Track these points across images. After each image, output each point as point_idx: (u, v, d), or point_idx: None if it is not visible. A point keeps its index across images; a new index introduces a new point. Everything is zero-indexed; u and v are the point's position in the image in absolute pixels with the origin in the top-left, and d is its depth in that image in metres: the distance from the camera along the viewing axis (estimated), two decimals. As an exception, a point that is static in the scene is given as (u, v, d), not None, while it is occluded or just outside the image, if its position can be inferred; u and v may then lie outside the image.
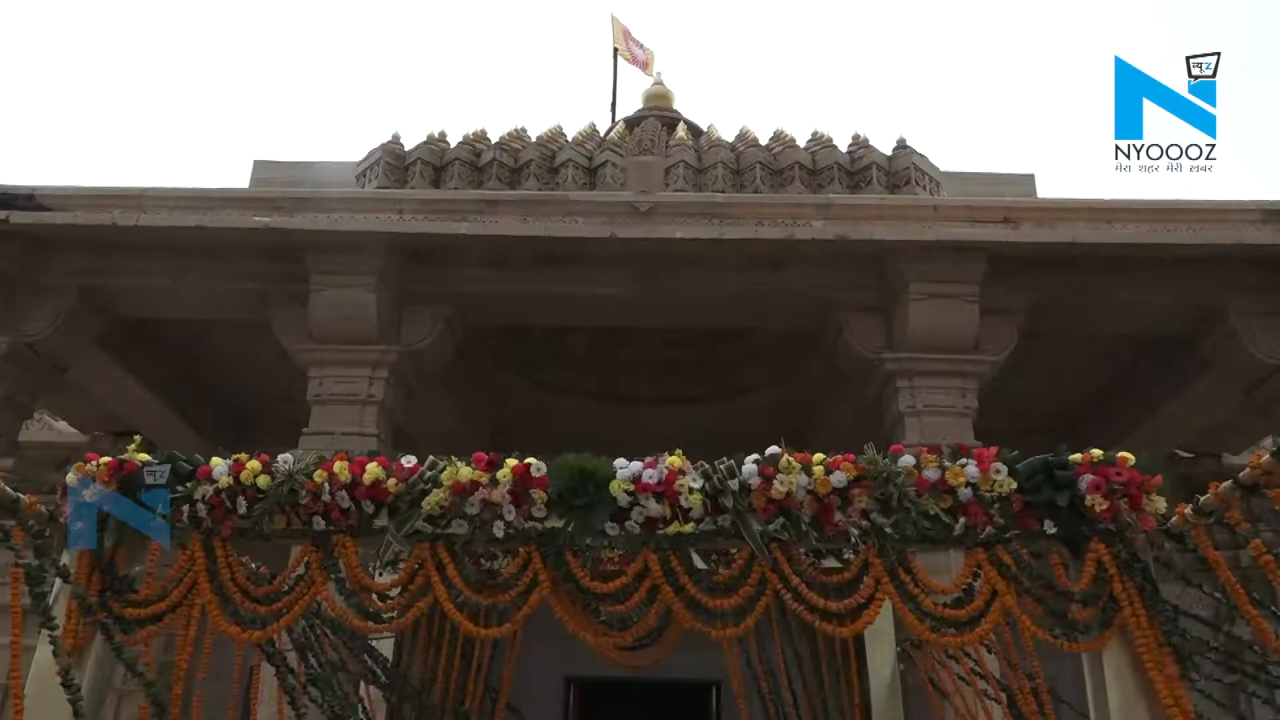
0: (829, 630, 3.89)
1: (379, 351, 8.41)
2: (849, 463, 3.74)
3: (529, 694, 11.74)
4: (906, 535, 3.72)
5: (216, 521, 3.91)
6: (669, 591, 3.73)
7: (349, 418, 8.19)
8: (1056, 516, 3.66)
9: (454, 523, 3.85)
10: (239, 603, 3.89)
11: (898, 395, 8.30)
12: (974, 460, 3.72)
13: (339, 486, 3.84)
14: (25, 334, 8.48)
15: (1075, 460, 3.69)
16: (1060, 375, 10.63)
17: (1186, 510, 3.55)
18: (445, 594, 3.85)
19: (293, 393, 8.86)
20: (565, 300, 8.87)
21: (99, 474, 3.93)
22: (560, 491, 3.81)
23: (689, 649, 7.06)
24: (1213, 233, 7.91)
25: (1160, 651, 3.48)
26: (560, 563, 3.82)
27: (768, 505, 3.75)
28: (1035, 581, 3.70)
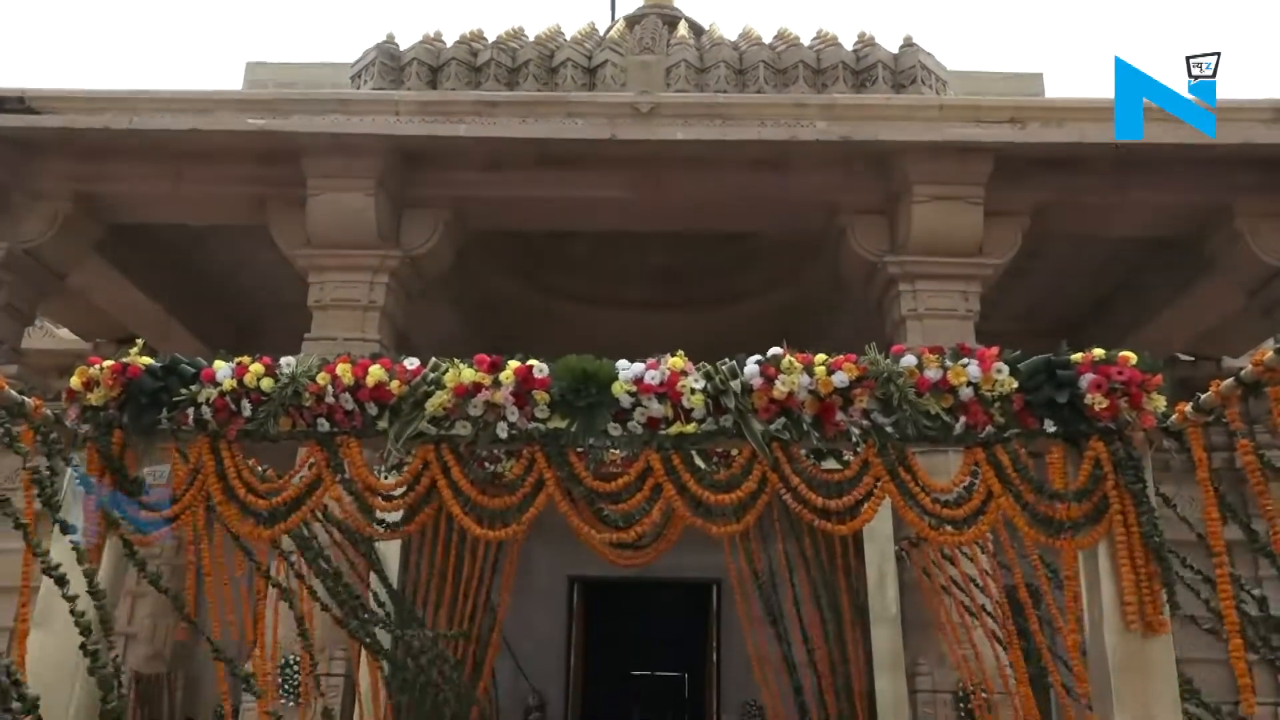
0: (828, 528, 3.96)
1: (378, 256, 8.38)
2: (851, 363, 3.75)
3: (533, 593, 12.05)
4: (907, 435, 3.75)
5: (221, 424, 3.93)
6: (671, 489, 3.78)
7: (351, 323, 8.20)
8: (1056, 415, 3.68)
9: (457, 424, 3.88)
10: (248, 502, 3.95)
11: (900, 299, 8.29)
12: (975, 360, 3.73)
13: (342, 388, 3.85)
14: (22, 240, 8.44)
15: (1076, 360, 3.69)
16: (1063, 279, 10.59)
17: (1186, 409, 3.57)
18: (451, 495, 3.90)
19: (294, 299, 8.85)
20: (565, 203, 8.78)
21: (103, 378, 3.94)
22: (563, 393, 3.82)
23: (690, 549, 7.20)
24: (1221, 131, 7.78)
25: (1142, 548, 3.54)
26: (564, 463, 3.86)
27: (769, 405, 3.76)
28: (1028, 484, 3.74)
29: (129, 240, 9.80)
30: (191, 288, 11.16)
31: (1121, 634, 3.57)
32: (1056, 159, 8.13)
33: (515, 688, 11.58)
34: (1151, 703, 3.49)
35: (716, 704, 12.91)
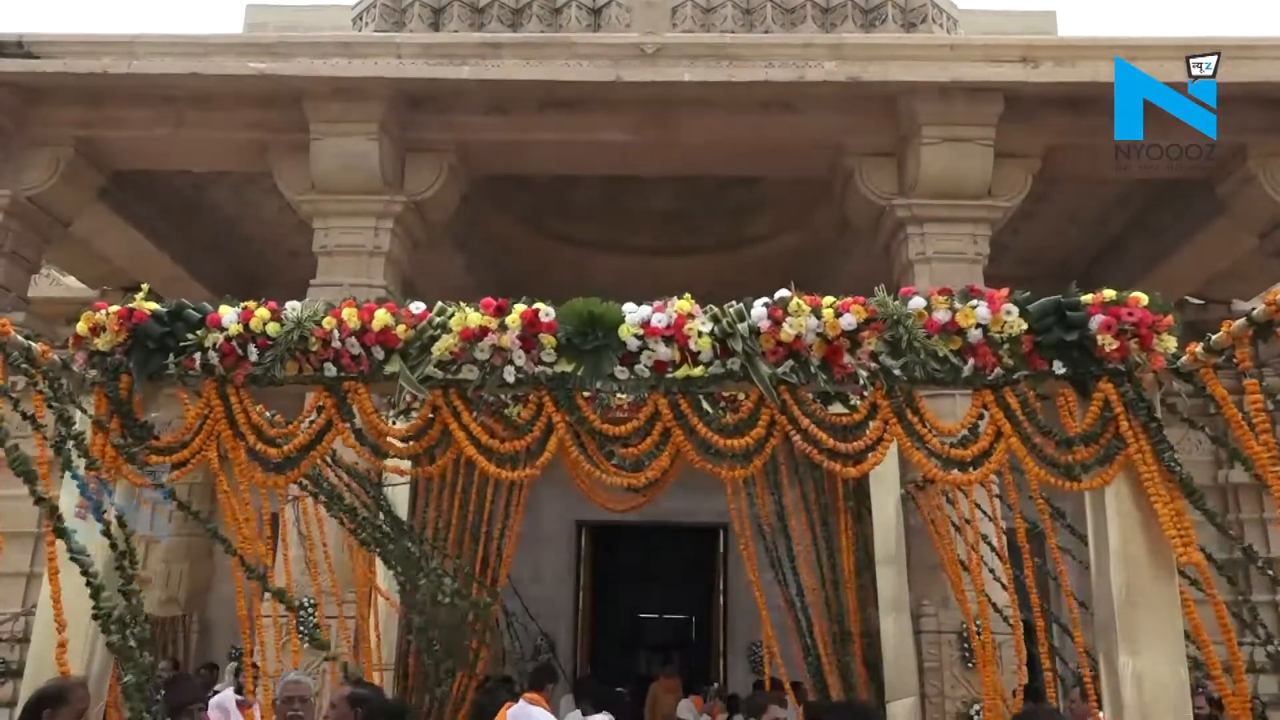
0: (836, 470, 3.95)
1: (383, 202, 8.32)
2: (859, 305, 3.72)
3: (541, 538, 12.19)
4: (915, 377, 3.73)
5: (229, 369, 3.93)
6: (680, 434, 3.78)
7: (356, 269, 8.18)
8: (1066, 357, 3.67)
9: (464, 369, 3.87)
10: (258, 448, 3.96)
11: (908, 242, 8.23)
12: (985, 302, 3.70)
13: (348, 333, 3.85)
14: (25, 187, 8.40)
15: (1086, 301, 3.67)
16: (1073, 222, 10.51)
17: (1197, 349, 3.54)
18: (464, 437, 3.91)
19: (300, 246, 8.83)
20: (570, 147, 8.70)
21: (109, 323, 3.94)
22: (569, 336, 3.81)
23: (697, 493, 7.28)
24: (1239, 70, 7.65)
25: (1167, 485, 3.54)
26: (572, 406, 3.86)
27: (777, 348, 3.75)
28: (1036, 425, 3.73)
29: (132, 187, 9.76)
30: (196, 235, 11.13)
31: (1128, 573, 3.59)
32: (1069, 99, 8.01)
33: (524, 630, 11.73)
34: (1156, 641, 3.51)
35: (723, 645, 13.10)
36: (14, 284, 8.61)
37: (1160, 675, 3.47)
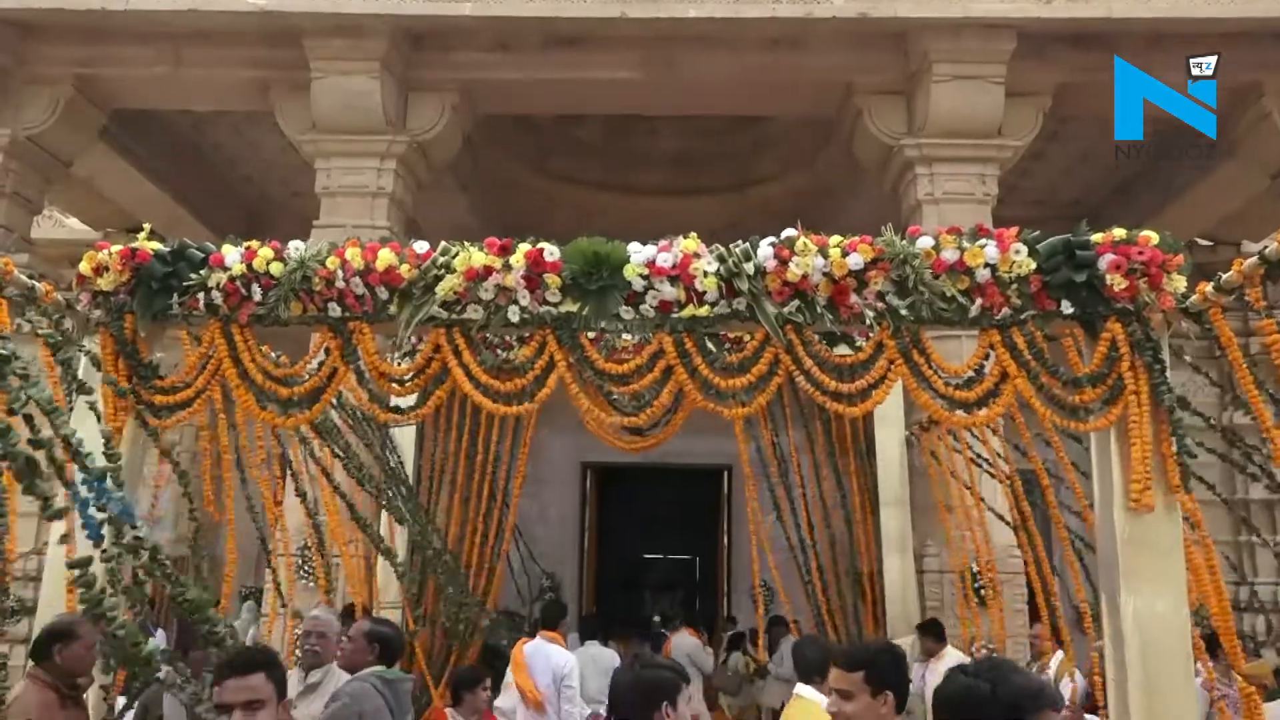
0: (840, 410, 3.95)
1: (385, 141, 8.24)
2: (866, 244, 3.68)
3: (547, 479, 12.27)
4: (921, 317, 3.71)
5: (233, 309, 3.92)
6: (683, 372, 3.77)
7: (359, 210, 8.13)
8: (1074, 297, 3.63)
9: (468, 309, 3.86)
10: (265, 388, 3.96)
11: (916, 183, 8.14)
12: (993, 241, 3.66)
13: (352, 273, 3.82)
14: (25, 126, 8.33)
15: (1096, 240, 3.63)
16: (1083, 162, 10.39)
17: (1207, 288, 3.51)
18: (464, 376, 3.90)
19: (302, 187, 8.77)
20: (574, 85, 8.58)
21: (112, 263, 3.92)
22: (574, 276, 3.78)
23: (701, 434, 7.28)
24: (1258, 4, 7.50)
25: (1158, 428, 3.54)
26: (576, 346, 3.84)
27: (783, 288, 3.72)
28: (1043, 366, 3.71)
29: (132, 127, 9.67)
30: (198, 176, 11.06)
31: (1131, 512, 3.60)
32: (1082, 35, 7.87)
33: (529, 570, 11.86)
34: (1158, 579, 3.54)
35: (727, 586, 13.26)
36: (16, 225, 8.58)
37: (1161, 613, 3.50)
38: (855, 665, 2.85)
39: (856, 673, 2.82)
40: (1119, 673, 3.58)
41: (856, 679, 2.82)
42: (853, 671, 2.83)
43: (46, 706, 3.55)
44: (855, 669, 2.83)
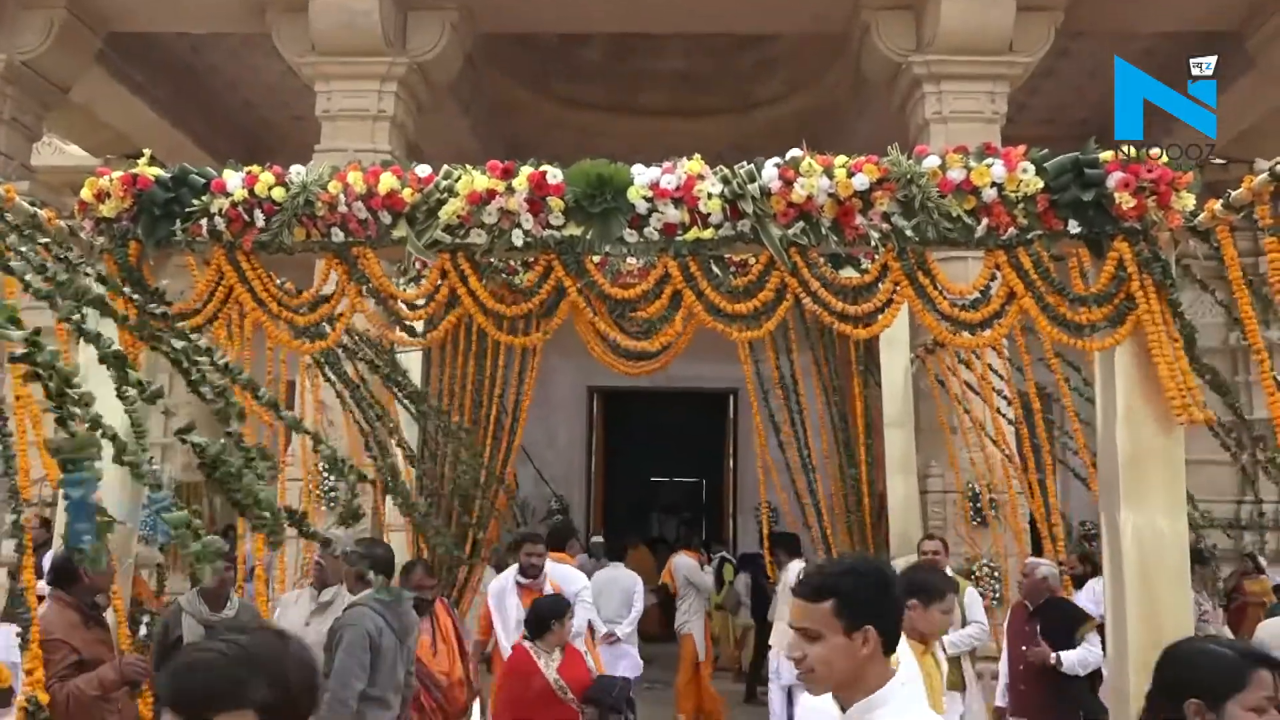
0: (846, 331, 3.96)
1: (385, 63, 8.11)
2: (872, 164, 3.65)
3: (554, 403, 12.35)
4: (927, 238, 3.69)
5: (236, 235, 3.91)
6: (690, 296, 3.77)
7: (360, 134, 8.04)
8: (1081, 216, 3.61)
9: (472, 232, 3.84)
10: (280, 314, 3.97)
11: (924, 101, 8.01)
12: (1000, 160, 3.62)
13: (354, 197, 3.81)
14: (20, 50, 8.21)
15: (1105, 158, 3.59)
16: (1094, 79, 10.16)
17: (1216, 206, 3.48)
18: (473, 303, 3.91)
19: (303, 111, 8.66)
20: (576, 2, 8.40)
21: (113, 189, 3.91)
22: (577, 199, 3.76)
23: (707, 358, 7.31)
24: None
25: (1172, 345, 3.53)
26: (581, 270, 3.84)
27: (788, 209, 3.70)
28: (1049, 285, 3.70)
29: (129, 51, 9.52)
30: (197, 101, 10.92)
31: (1133, 431, 3.62)
32: (1096, -54, 7.67)
33: (537, 492, 12.02)
34: (1158, 498, 3.58)
35: (733, 507, 13.42)
36: (15, 152, 8.51)
37: (1160, 530, 3.55)
38: (821, 593, 2.01)
39: (823, 602, 2.00)
40: (1116, 587, 3.64)
41: (823, 612, 1.99)
42: (818, 601, 2.01)
43: (71, 626, 3.64)
44: (821, 597, 2.00)
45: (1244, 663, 2.04)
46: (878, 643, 1.98)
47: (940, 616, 3.62)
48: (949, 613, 3.56)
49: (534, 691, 4.67)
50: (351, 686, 3.90)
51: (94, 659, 3.66)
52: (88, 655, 3.64)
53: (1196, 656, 2.14)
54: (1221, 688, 2.00)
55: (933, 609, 3.58)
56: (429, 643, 5.00)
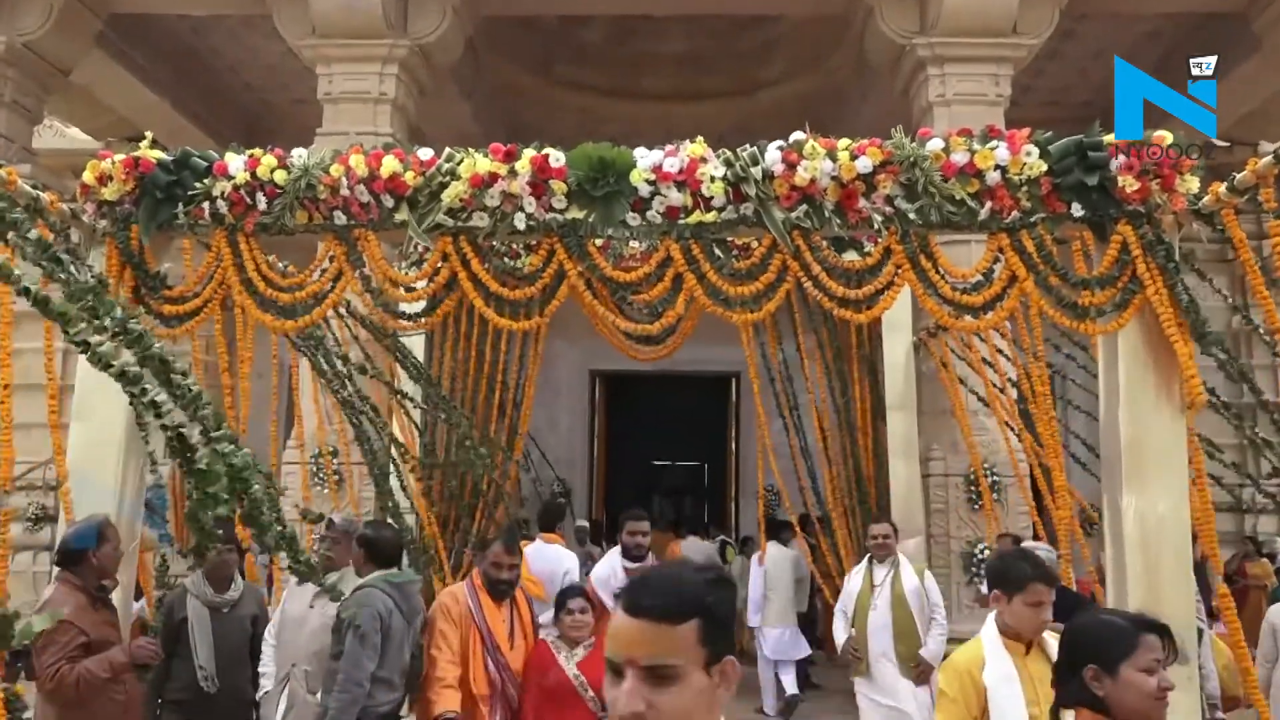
0: (847, 316, 3.95)
1: (387, 46, 8.09)
2: (875, 147, 3.63)
3: (556, 387, 12.34)
4: (930, 221, 3.68)
5: (238, 217, 3.91)
6: (691, 279, 3.76)
7: (362, 117, 8.02)
8: (1085, 199, 3.60)
9: (474, 216, 3.84)
10: (267, 295, 3.96)
11: (927, 84, 7.98)
12: (1004, 142, 3.61)
13: (356, 180, 3.80)
14: (21, 32, 8.19)
15: (1109, 141, 3.57)
16: (1097, 60, 10.13)
17: (1220, 189, 3.47)
18: (472, 287, 3.90)
19: (304, 94, 8.63)
20: (577, -18, 8.38)
21: (115, 172, 3.90)
22: (580, 182, 3.75)
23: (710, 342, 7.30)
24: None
25: (1179, 328, 3.53)
26: (583, 254, 3.83)
27: (791, 192, 3.69)
28: (1052, 268, 3.69)
29: (130, 33, 9.50)
30: (198, 83, 10.89)
31: (1135, 414, 3.62)
32: (1102, -74, 7.62)
33: (540, 476, 12.03)
34: (1160, 479, 3.58)
35: (735, 490, 13.44)
36: (16, 134, 8.50)
37: (1162, 512, 3.55)
38: (681, 612, 1.35)
39: (683, 624, 1.34)
40: (1118, 572, 3.65)
41: (684, 637, 1.34)
42: (676, 623, 1.34)
43: (80, 608, 3.65)
44: (681, 617, 1.35)
45: (1134, 629, 2.15)
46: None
47: (1024, 609, 3.03)
48: (1035, 605, 3.00)
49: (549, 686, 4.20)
50: (364, 667, 3.88)
51: (101, 641, 3.68)
52: (95, 637, 3.65)
53: (1092, 627, 2.25)
54: (1114, 653, 2.11)
55: (1016, 601, 3.04)
56: (506, 633, 4.29)
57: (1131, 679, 2.07)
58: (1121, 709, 2.08)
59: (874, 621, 5.55)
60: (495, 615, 4.27)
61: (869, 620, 5.56)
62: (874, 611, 5.56)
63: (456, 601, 4.26)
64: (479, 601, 4.26)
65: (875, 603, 5.57)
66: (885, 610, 5.52)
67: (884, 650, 5.50)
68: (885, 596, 5.55)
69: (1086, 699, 2.12)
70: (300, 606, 4.62)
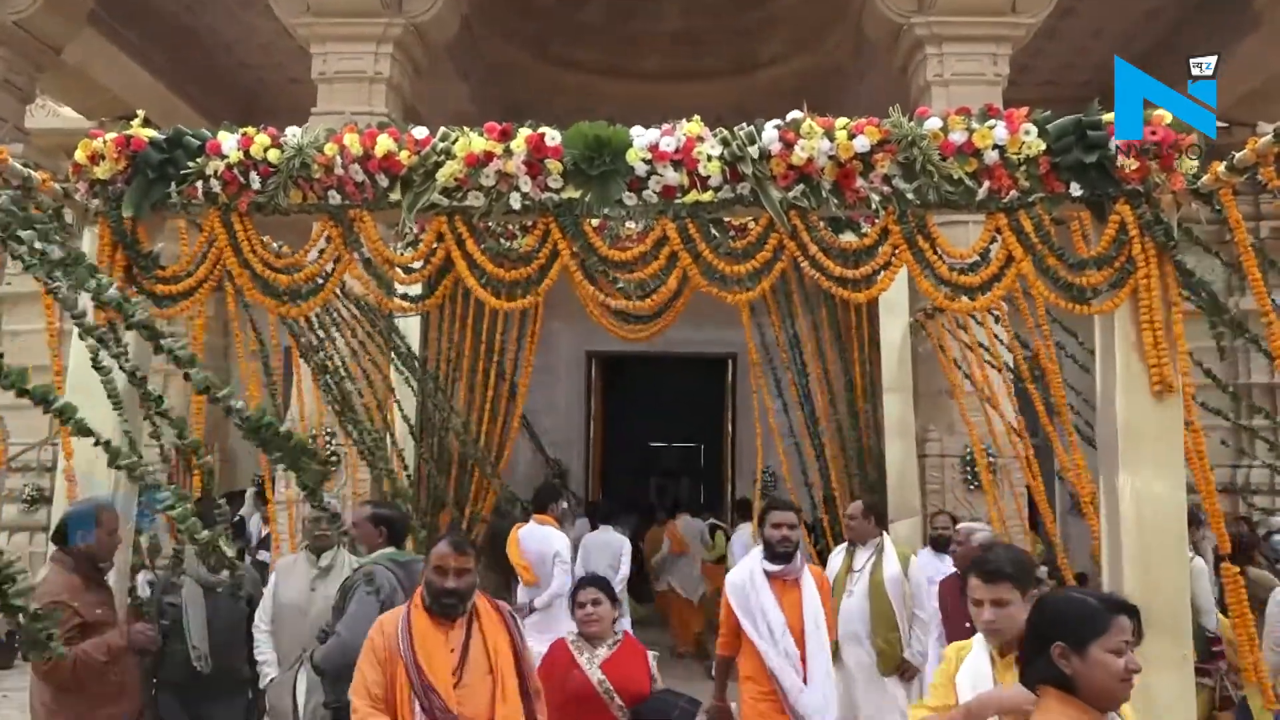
0: (845, 296, 3.94)
1: (382, 24, 8.02)
2: (873, 126, 3.62)
3: (552, 369, 12.34)
4: (928, 200, 3.66)
5: (231, 197, 3.88)
6: (687, 258, 3.75)
7: (357, 96, 7.97)
8: (1083, 178, 3.58)
9: (469, 195, 3.82)
10: (266, 277, 3.95)
11: (925, 64, 7.93)
12: (1003, 121, 3.59)
13: (351, 159, 3.77)
14: (11, 10, 8.11)
15: (1108, 120, 3.55)
16: (1097, 39, 10.08)
17: (1220, 168, 3.45)
18: (466, 267, 3.89)
19: (299, 73, 8.57)
20: (574, -38, 8.30)
21: (107, 150, 3.87)
22: (576, 161, 3.73)
23: (706, 323, 7.30)
24: None
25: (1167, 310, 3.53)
26: (579, 233, 3.81)
27: (788, 172, 3.67)
28: (1050, 248, 3.68)
29: (123, 11, 9.42)
30: (193, 62, 10.81)
31: (1131, 396, 3.62)
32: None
33: (535, 458, 12.03)
34: (1156, 462, 3.58)
35: (731, 472, 13.45)
36: (8, 114, 8.43)
37: (1158, 495, 3.55)
38: None
39: None
40: (1114, 554, 3.66)
41: None
42: None
43: (73, 589, 3.65)
44: None
45: (1105, 609, 2.15)
46: None
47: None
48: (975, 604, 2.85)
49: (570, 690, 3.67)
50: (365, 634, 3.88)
51: (96, 622, 3.68)
52: (90, 618, 3.65)
53: (1063, 605, 2.24)
54: (1084, 632, 2.11)
55: None
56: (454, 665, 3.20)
57: (1100, 659, 2.08)
58: (1089, 688, 2.09)
59: (847, 608, 5.22)
60: (433, 642, 3.15)
61: (842, 606, 5.22)
62: (849, 597, 5.25)
63: (383, 632, 3.22)
64: (409, 625, 3.18)
65: (851, 588, 5.29)
66: (861, 597, 5.22)
67: (854, 636, 5.21)
68: (863, 584, 5.26)
69: (1052, 676, 2.12)
70: (296, 592, 4.61)
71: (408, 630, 3.14)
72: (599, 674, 3.67)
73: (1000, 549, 3.12)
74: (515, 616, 3.34)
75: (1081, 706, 2.09)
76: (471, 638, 3.21)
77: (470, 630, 3.22)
